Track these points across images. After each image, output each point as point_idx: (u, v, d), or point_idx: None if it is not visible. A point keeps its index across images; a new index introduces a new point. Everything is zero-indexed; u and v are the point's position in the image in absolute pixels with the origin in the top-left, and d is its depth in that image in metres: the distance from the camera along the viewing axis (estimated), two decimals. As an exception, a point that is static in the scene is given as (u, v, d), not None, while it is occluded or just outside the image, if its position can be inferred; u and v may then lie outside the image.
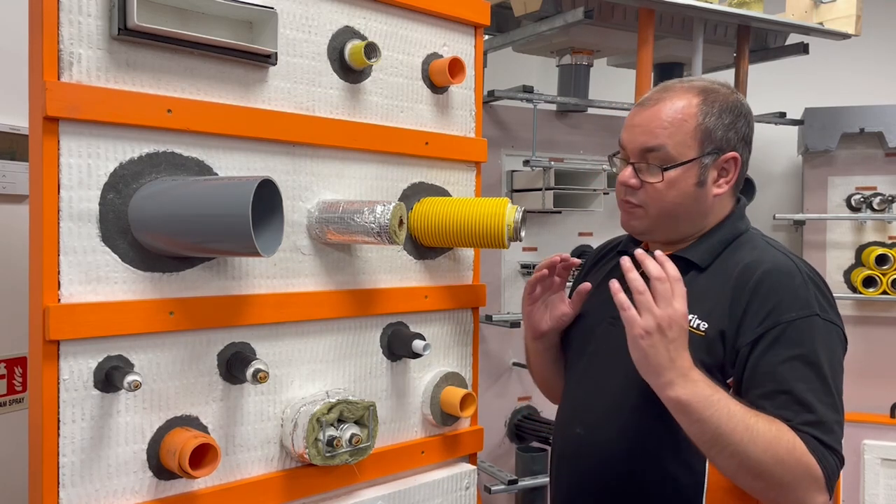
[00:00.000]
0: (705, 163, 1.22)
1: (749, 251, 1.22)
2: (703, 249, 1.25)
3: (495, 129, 2.45)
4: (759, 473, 1.07)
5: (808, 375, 1.11)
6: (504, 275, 2.50)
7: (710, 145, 1.22)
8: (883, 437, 2.72)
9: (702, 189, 1.24)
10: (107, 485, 1.09)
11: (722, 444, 1.07)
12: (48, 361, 1.03)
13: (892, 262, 2.72)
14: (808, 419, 1.09)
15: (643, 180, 1.24)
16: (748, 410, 1.09)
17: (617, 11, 2.38)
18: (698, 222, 1.27)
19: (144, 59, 1.11)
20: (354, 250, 1.37)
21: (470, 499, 1.53)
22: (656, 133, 1.22)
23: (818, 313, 1.14)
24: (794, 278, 1.16)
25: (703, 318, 1.18)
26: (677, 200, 1.23)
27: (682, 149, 1.21)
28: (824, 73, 3.09)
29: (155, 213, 1.08)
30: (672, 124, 1.21)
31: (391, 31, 1.42)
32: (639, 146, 1.24)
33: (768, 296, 1.15)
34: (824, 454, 1.08)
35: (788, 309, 1.13)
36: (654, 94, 1.27)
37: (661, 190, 1.22)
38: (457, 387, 1.50)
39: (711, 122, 1.22)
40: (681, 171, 1.22)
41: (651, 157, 1.22)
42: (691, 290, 1.19)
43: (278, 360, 1.27)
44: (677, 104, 1.22)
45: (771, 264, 1.18)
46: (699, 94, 1.23)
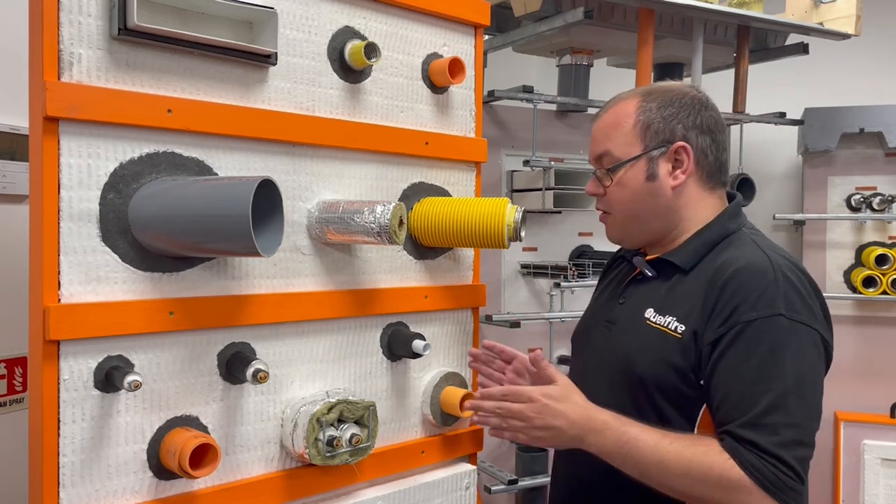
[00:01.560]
0: (653, 156, 1.24)
1: (732, 250, 1.21)
2: (686, 251, 1.25)
3: (495, 129, 2.45)
4: (689, 496, 1.12)
5: (763, 377, 1.09)
6: (504, 275, 2.50)
7: (653, 139, 1.24)
8: (883, 437, 2.72)
9: (654, 183, 1.24)
10: (107, 485, 1.09)
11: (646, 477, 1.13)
12: (48, 361, 1.03)
13: (892, 262, 2.72)
14: (748, 421, 1.07)
15: (605, 186, 1.29)
16: (661, 439, 1.12)
17: (617, 11, 2.38)
18: (669, 219, 1.26)
19: (144, 59, 1.11)
20: (354, 250, 1.37)
21: (470, 499, 1.53)
22: (600, 140, 1.29)
23: (782, 313, 1.10)
24: (764, 276, 1.13)
25: (681, 320, 1.18)
26: (631, 198, 1.26)
27: (626, 148, 1.25)
28: (824, 73, 3.09)
29: (155, 213, 1.08)
30: (611, 128, 1.28)
31: (391, 31, 1.42)
32: (594, 156, 1.31)
33: (734, 294, 1.13)
34: (755, 463, 1.05)
35: (751, 308, 1.11)
36: (603, 106, 1.33)
37: (615, 191, 1.27)
38: (457, 387, 1.50)
39: (649, 118, 1.24)
40: (627, 170, 1.25)
41: (603, 162, 1.29)
42: (673, 292, 1.23)
43: (278, 360, 1.27)
44: (618, 110, 1.28)
45: (744, 262, 1.16)
46: (640, 95, 1.27)
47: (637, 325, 1.25)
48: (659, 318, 1.22)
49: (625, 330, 1.28)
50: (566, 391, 1.20)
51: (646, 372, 1.20)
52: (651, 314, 1.24)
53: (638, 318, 1.25)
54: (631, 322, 1.27)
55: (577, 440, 1.17)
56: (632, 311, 1.28)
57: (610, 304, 1.36)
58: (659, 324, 1.21)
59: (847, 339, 2.85)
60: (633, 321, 1.26)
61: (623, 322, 1.29)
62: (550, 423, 1.18)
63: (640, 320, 1.25)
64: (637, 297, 1.29)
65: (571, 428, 1.17)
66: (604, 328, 1.33)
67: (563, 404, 1.18)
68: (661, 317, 1.22)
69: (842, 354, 2.83)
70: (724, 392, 1.11)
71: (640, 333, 1.24)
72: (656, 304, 1.24)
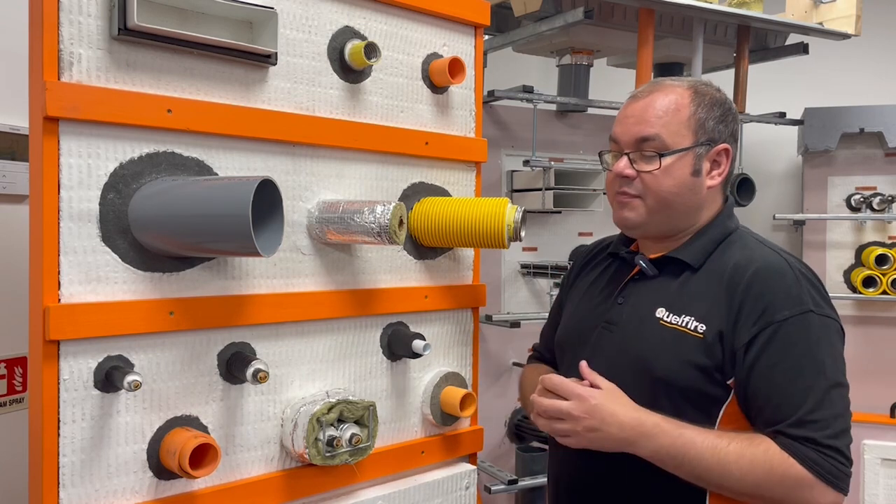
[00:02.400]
0: (699, 152, 1.24)
1: (739, 250, 1.23)
2: (695, 249, 1.25)
3: (495, 129, 2.45)
4: (749, 495, 1.12)
5: (803, 374, 1.12)
6: (504, 275, 2.50)
7: (704, 136, 1.24)
8: (883, 437, 2.72)
9: (697, 179, 1.24)
10: (107, 485, 1.09)
11: (703, 482, 1.13)
12: (48, 361, 1.03)
13: (891, 262, 2.72)
14: (799, 419, 1.10)
15: (639, 170, 1.24)
16: (718, 440, 1.12)
17: (617, 11, 2.38)
18: (692, 216, 1.27)
19: (144, 59, 1.11)
20: (354, 250, 1.37)
21: (470, 499, 1.53)
22: (651, 122, 1.23)
23: (812, 309, 1.14)
24: (785, 276, 1.16)
25: (700, 319, 1.18)
26: (674, 189, 1.23)
27: (677, 138, 1.23)
28: (824, 73, 3.09)
29: (155, 213, 1.08)
30: (666, 113, 1.23)
31: (391, 31, 1.42)
32: (634, 136, 1.24)
33: (761, 295, 1.15)
34: (814, 458, 1.09)
35: (781, 308, 1.14)
36: (645, 88, 1.28)
37: (658, 177, 1.22)
38: (457, 387, 1.50)
39: (703, 114, 1.24)
40: (677, 159, 1.22)
41: (646, 146, 1.23)
42: (685, 291, 1.22)
43: (278, 360, 1.27)
44: (670, 96, 1.24)
45: (762, 262, 1.18)
46: (689, 87, 1.26)
47: (648, 325, 1.23)
48: (674, 317, 1.21)
49: (633, 331, 1.25)
50: (615, 392, 1.17)
51: (667, 373, 1.18)
52: (664, 314, 1.22)
53: (647, 318, 1.24)
54: (638, 322, 1.25)
55: (627, 444, 1.14)
56: (636, 311, 1.26)
57: (606, 305, 1.32)
58: (675, 324, 1.20)
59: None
60: (642, 321, 1.24)
61: (627, 323, 1.27)
62: (599, 425, 1.14)
63: (650, 320, 1.23)
64: (640, 297, 1.27)
65: (622, 431, 1.13)
66: (603, 329, 1.30)
67: (614, 405, 1.15)
68: (675, 316, 1.21)
69: (842, 354, 2.85)
70: (767, 393, 1.13)
71: (653, 334, 1.22)
72: (668, 304, 1.22)
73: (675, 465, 1.13)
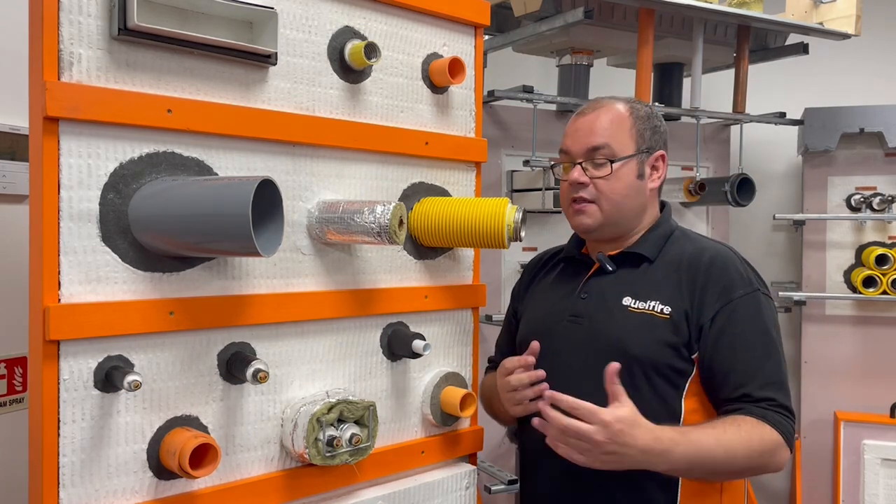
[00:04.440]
0: (641, 158, 1.41)
1: (688, 242, 1.42)
2: (649, 244, 1.42)
3: (495, 129, 2.45)
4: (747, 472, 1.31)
5: (761, 343, 1.32)
6: (504, 275, 2.50)
7: (643, 144, 1.42)
8: (883, 437, 2.72)
9: (641, 182, 1.42)
10: (107, 485, 1.09)
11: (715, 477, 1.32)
12: (48, 361, 1.03)
13: (892, 262, 2.72)
14: (765, 382, 1.29)
15: (591, 176, 1.39)
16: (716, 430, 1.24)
17: (617, 11, 2.38)
18: (639, 217, 1.44)
19: (144, 59, 1.11)
20: (354, 250, 1.37)
21: (470, 499, 1.53)
22: (600, 133, 1.40)
23: (759, 289, 1.36)
24: (734, 261, 1.37)
25: (665, 303, 1.34)
26: (623, 191, 1.39)
27: (622, 146, 1.40)
28: (824, 73, 3.09)
29: (155, 213, 1.08)
30: (612, 125, 1.40)
31: (391, 31, 1.42)
32: (585, 146, 1.40)
33: (720, 277, 1.34)
34: (780, 421, 1.27)
35: (736, 287, 1.34)
36: (588, 105, 1.45)
37: (611, 181, 1.39)
38: (457, 387, 1.50)
39: (640, 125, 1.42)
40: (623, 165, 1.39)
41: (597, 154, 1.39)
42: (646, 280, 1.39)
43: (278, 360, 1.27)
44: (612, 111, 1.42)
45: (714, 251, 1.39)
46: (626, 104, 1.44)
47: (617, 313, 1.37)
48: (640, 303, 1.36)
49: (603, 320, 1.38)
50: (634, 414, 1.18)
51: (641, 352, 1.32)
52: (630, 301, 1.37)
53: (615, 307, 1.38)
54: (607, 312, 1.38)
55: (645, 465, 1.19)
56: (603, 302, 1.40)
57: (569, 301, 1.45)
58: (642, 308, 1.36)
59: (847, 339, 2.85)
60: (610, 311, 1.38)
61: (596, 313, 1.40)
62: (620, 449, 1.16)
63: (618, 309, 1.37)
64: (604, 290, 1.41)
65: (641, 454, 1.17)
66: (569, 323, 1.42)
67: (636, 430, 1.17)
68: (641, 302, 1.36)
69: (842, 354, 2.85)
70: (732, 361, 1.30)
71: (625, 319, 1.36)
72: (632, 293, 1.38)
73: (687, 470, 1.25)
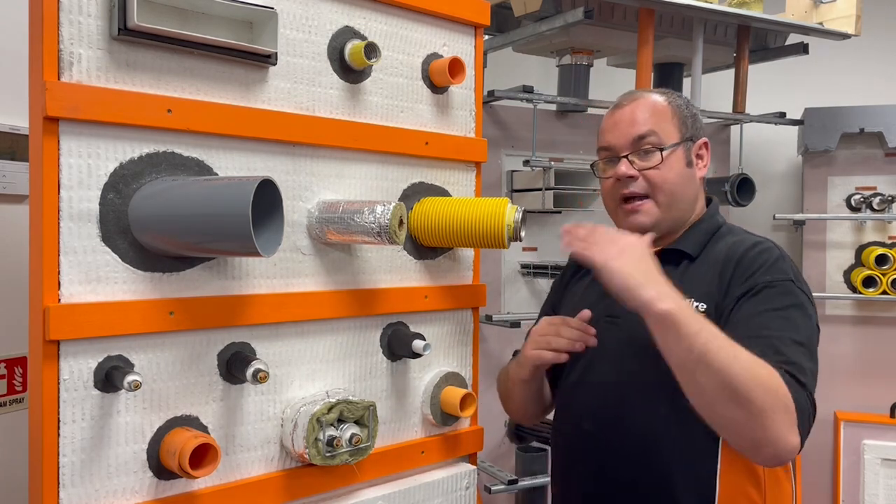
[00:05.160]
0: (687, 146, 1.35)
1: (731, 237, 1.33)
2: (692, 240, 1.34)
3: (495, 129, 2.45)
4: (738, 395, 1.03)
5: (784, 325, 1.16)
6: (504, 275, 2.50)
7: (686, 132, 1.35)
8: (883, 437, 2.72)
9: (691, 170, 1.35)
10: (107, 485, 1.09)
11: (708, 360, 1.04)
12: (48, 361, 1.03)
13: (892, 262, 2.72)
14: (782, 359, 1.10)
15: (640, 168, 1.32)
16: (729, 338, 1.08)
17: (617, 11, 2.38)
18: (691, 208, 1.37)
19: (144, 59, 1.11)
20: (354, 250, 1.37)
21: (470, 499, 1.53)
22: (644, 121, 1.32)
23: (793, 280, 1.23)
24: (772, 252, 1.27)
25: (700, 299, 1.25)
26: (677, 180, 1.32)
27: (668, 134, 1.33)
28: (824, 73, 3.09)
29: (155, 213, 1.08)
30: (655, 113, 1.34)
31: (391, 31, 1.42)
32: (629, 137, 1.33)
33: (750, 264, 1.24)
34: (798, 389, 1.08)
35: (766, 274, 1.22)
36: (623, 98, 1.39)
37: (662, 171, 1.31)
38: (457, 387, 1.50)
39: (681, 113, 1.36)
40: (672, 152, 1.32)
41: (644, 143, 1.32)
42: (686, 277, 1.29)
43: (278, 360, 1.27)
44: (649, 100, 1.36)
45: (751, 242, 1.29)
46: (662, 94, 1.38)
47: None
48: None
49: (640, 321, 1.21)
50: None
51: None
52: None
53: None
54: None
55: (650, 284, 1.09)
56: None
57: (606, 301, 1.32)
58: None
59: (847, 339, 2.85)
60: None
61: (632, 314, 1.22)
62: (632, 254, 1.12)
63: None
64: None
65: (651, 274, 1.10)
66: (606, 323, 1.34)
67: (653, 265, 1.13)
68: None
69: (842, 354, 2.85)
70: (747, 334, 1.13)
71: None
72: None
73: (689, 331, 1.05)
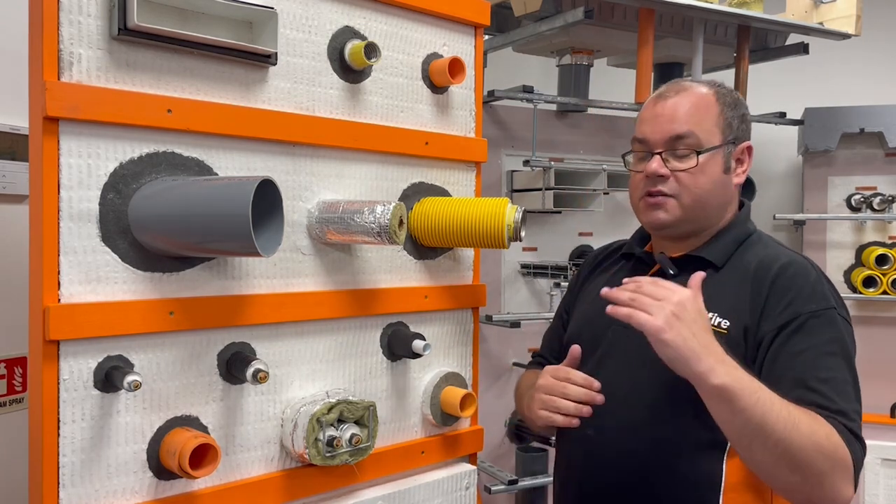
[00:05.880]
0: (728, 150, 1.26)
1: (762, 249, 1.25)
2: (718, 249, 1.26)
3: (495, 129, 2.45)
4: (798, 464, 1.01)
5: (830, 365, 1.10)
6: (504, 275, 2.50)
7: (731, 134, 1.26)
8: (883, 437, 2.72)
9: (727, 176, 1.26)
10: (107, 485, 1.09)
11: (766, 433, 1.01)
12: (48, 361, 1.03)
13: (892, 262, 2.72)
14: (833, 407, 1.07)
15: (672, 169, 1.24)
16: (784, 398, 1.04)
17: (617, 11, 2.38)
18: (720, 213, 1.28)
19: (144, 59, 1.11)
20: (354, 250, 1.37)
21: (470, 499, 1.53)
22: (684, 120, 1.24)
23: (836, 308, 1.16)
24: (809, 273, 1.19)
25: (724, 315, 1.18)
26: (708, 187, 1.24)
27: (709, 136, 1.24)
28: (824, 73, 3.09)
29: (155, 213, 1.08)
30: (698, 112, 1.24)
31: (391, 31, 1.42)
32: (666, 134, 1.24)
33: (788, 288, 1.16)
34: (852, 441, 1.05)
35: (808, 301, 1.14)
36: (669, 88, 1.29)
37: (695, 175, 1.23)
38: (457, 387, 1.50)
39: (728, 113, 1.26)
40: (710, 157, 1.24)
41: (681, 143, 1.24)
42: (708, 289, 1.17)
43: (278, 360, 1.27)
44: (697, 94, 1.26)
45: (787, 259, 1.20)
46: (712, 87, 1.28)
47: None
48: None
49: None
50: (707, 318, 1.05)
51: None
52: None
53: None
54: None
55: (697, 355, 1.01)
56: None
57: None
58: None
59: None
60: None
61: None
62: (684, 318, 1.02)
63: None
64: None
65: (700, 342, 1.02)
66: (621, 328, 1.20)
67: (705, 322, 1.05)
68: None
69: (842, 354, 2.85)
70: (793, 377, 1.10)
71: None
72: None
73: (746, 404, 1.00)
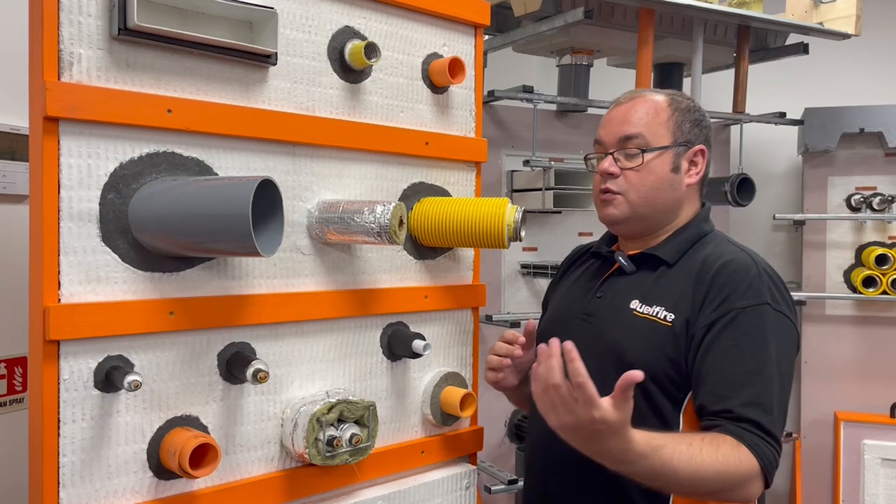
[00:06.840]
0: (678, 151, 1.34)
1: (711, 248, 1.32)
2: (671, 247, 1.34)
3: (495, 129, 2.45)
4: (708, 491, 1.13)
5: (753, 360, 1.18)
6: (504, 275, 2.50)
7: (681, 137, 1.34)
8: (883, 437, 2.72)
9: (676, 175, 1.33)
10: (107, 485, 1.09)
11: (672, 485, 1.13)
12: (48, 361, 1.03)
13: (892, 262, 2.72)
14: (750, 400, 1.15)
15: (622, 167, 1.33)
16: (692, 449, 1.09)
17: (617, 11, 2.38)
18: (671, 213, 1.35)
19: (144, 59, 1.11)
20: (354, 250, 1.37)
21: (470, 499, 1.53)
22: (634, 122, 1.33)
23: (769, 303, 1.22)
24: (749, 270, 1.25)
25: (670, 309, 1.26)
26: (655, 185, 1.32)
27: (657, 137, 1.33)
28: (824, 73, 3.09)
29: (155, 213, 1.08)
30: (647, 115, 1.34)
31: (391, 31, 1.42)
32: (617, 136, 1.34)
33: (724, 285, 1.23)
34: (761, 448, 1.13)
35: (741, 297, 1.22)
36: (627, 95, 1.39)
37: (641, 174, 1.32)
38: (457, 387, 1.50)
39: (679, 118, 1.35)
40: (657, 156, 1.32)
41: (629, 143, 1.32)
42: (660, 283, 1.31)
43: (278, 360, 1.27)
44: (650, 102, 1.35)
45: (729, 257, 1.27)
46: (667, 96, 1.37)
47: (622, 315, 1.30)
48: (646, 308, 1.28)
49: (609, 321, 1.32)
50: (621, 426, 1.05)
51: (637, 359, 1.22)
52: (637, 305, 1.30)
53: (622, 310, 1.31)
54: (615, 313, 1.32)
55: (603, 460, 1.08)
56: (613, 303, 1.34)
57: (585, 299, 1.39)
58: (646, 314, 1.28)
59: (847, 339, 2.85)
60: (618, 313, 1.31)
61: (605, 314, 1.34)
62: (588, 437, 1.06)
63: (625, 311, 1.30)
64: (618, 291, 1.35)
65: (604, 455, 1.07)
66: (581, 321, 1.36)
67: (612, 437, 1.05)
68: (647, 307, 1.28)
69: (842, 354, 2.85)
70: (720, 373, 1.19)
71: (627, 324, 1.29)
72: (641, 296, 1.30)
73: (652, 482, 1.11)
